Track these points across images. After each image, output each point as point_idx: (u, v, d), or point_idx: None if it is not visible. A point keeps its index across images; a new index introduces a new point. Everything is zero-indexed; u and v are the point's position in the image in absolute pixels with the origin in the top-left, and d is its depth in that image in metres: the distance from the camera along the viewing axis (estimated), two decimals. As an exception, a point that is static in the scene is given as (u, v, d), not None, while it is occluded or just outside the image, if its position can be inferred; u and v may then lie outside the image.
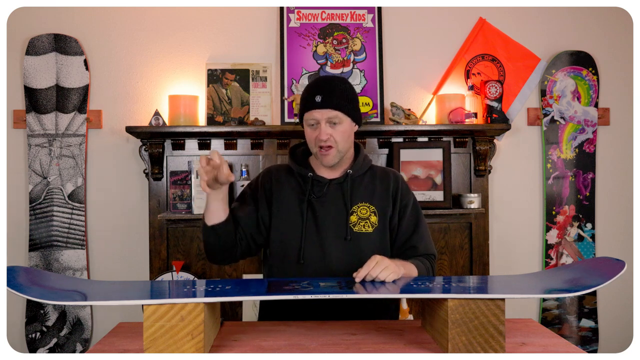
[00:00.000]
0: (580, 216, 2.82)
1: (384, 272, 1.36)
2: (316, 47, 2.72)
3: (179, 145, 2.63)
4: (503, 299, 1.20)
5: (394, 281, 1.37)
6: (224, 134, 2.57)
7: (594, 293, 2.83)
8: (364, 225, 1.61)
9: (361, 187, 1.65)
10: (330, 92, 1.57)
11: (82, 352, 2.65)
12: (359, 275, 1.36)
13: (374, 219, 1.62)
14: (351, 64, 2.72)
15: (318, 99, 1.56)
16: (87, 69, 2.67)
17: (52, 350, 2.63)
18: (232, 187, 2.63)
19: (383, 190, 1.65)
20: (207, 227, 1.55)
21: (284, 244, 1.61)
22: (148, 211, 2.65)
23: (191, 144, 2.66)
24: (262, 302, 1.75)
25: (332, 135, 1.57)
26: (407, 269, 1.49)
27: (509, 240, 2.82)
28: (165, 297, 1.20)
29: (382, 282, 1.36)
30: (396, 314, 1.77)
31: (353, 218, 1.61)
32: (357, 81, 2.71)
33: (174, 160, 2.66)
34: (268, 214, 1.65)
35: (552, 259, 2.81)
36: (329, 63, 2.72)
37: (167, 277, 2.54)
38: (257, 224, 1.64)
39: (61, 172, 2.65)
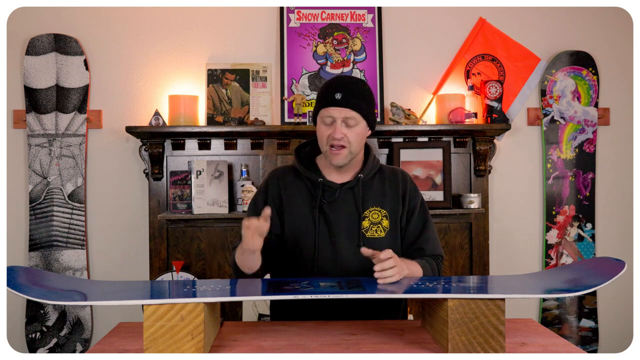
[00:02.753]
0: (580, 216, 2.82)
1: (391, 271, 1.35)
2: (316, 47, 2.72)
3: (179, 145, 2.63)
4: (503, 299, 1.20)
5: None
6: (224, 134, 2.57)
7: (594, 293, 2.83)
8: (376, 230, 1.59)
9: (371, 190, 1.62)
10: (350, 91, 1.53)
11: (82, 352, 2.65)
12: (380, 268, 1.36)
13: (385, 223, 1.60)
14: (351, 64, 2.72)
15: (338, 96, 1.51)
16: (87, 69, 2.67)
17: (52, 350, 2.63)
18: (232, 186, 2.63)
19: (393, 192, 1.63)
20: (242, 272, 1.51)
21: (297, 250, 1.59)
22: (148, 211, 2.65)
23: (191, 144, 2.66)
24: (272, 302, 1.74)
25: (347, 136, 1.52)
26: (412, 270, 1.48)
27: (509, 240, 2.82)
28: (165, 297, 1.20)
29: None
30: (404, 314, 1.75)
31: (365, 223, 1.58)
32: (357, 81, 2.70)
33: (174, 160, 2.66)
34: (279, 223, 1.61)
35: (552, 259, 2.81)
36: (329, 63, 2.72)
37: (167, 277, 2.54)
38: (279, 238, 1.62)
39: (61, 172, 2.65)
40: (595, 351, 2.83)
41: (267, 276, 1.72)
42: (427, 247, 1.62)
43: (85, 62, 2.67)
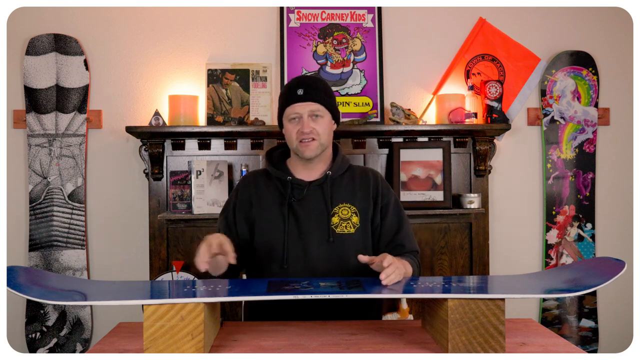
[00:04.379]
0: (580, 216, 2.82)
1: (393, 275, 1.35)
2: (316, 47, 2.72)
3: (179, 145, 2.63)
4: (503, 299, 1.20)
5: None
6: (224, 134, 2.57)
7: (594, 293, 2.83)
8: (345, 226, 1.60)
9: (341, 187, 1.64)
10: (311, 86, 1.58)
11: (82, 352, 2.65)
12: (386, 276, 1.34)
13: (355, 219, 1.61)
14: (351, 64, 2.72)
15: (300, 92, 1.56)
16: (87, 69, 2.67)
17: (52, 350, 2.63)
18: (232, 186, 2.63)
19: (363, 190, 1.65)
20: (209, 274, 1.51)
21: (267, 248, 1.61)
22: (148, 211, 2.65)
23: (191, 144, 2.66)
24: (249, 303, 1.74)
25: (315, 128, 1.57)
26: (407, 270, 1.49)
27: (509, 240, 2.82)
28: (165, 297, 1.20)
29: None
30: (379, 314, 1.76)
31: (334, 219, 1.60)
32: (357, 81, 2.71)
33: (174, 160, 2.66)
34: (247, 228, 1.64)
35: (552, 259, 2.81)
36: (329, 63, 2.72)
37: (167, 277, 2.54)
38: (247, 240, 1.64)
39: (61, 172, 2.65)
40: (595, 351, 2.83)
41: (243, 276, 1.74)
42: (406, 244, 1.64)
43: (85, 62, 2.67)
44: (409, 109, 2.64)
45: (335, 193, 1.63)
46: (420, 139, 2.69)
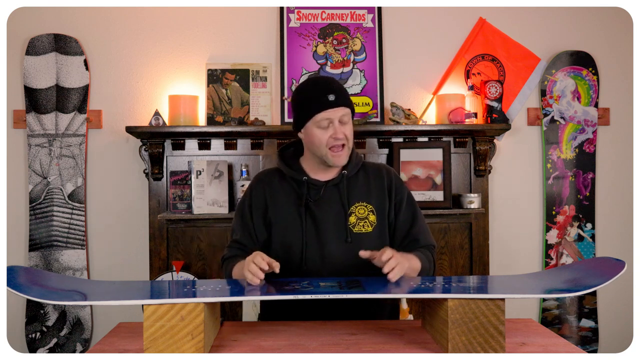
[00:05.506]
0: (580, 216, 2.82)
1: (396, 269, 1.35)
2: (316, 47, 2.72)
3: (179, 145, 2.63)
4: (503, 299, 1.20)
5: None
6: (224, 134, 2.57)
7: (594, 293, 2.83)
8: (363, 225, 1.60)
9: (356, 186, 1.64)
10: (339, 90, 1.57)
11: (82, 352, 2.65)
12: (389, 271, 1.35)
13: (372, 217, 1.61)
14: (351, 64, 2.72)
15: (332, 97, 1.53)
16: (87, 69, 2.67)
17: (52, 350, 2.63)
18: (232, 186, 2.63)
19: (378, 187, 1.65)
20: None
21: (285, 250, 1.60)
22: (148, 211, 2.65)
23: (191, 144, 2.66)
24: (263, 302, 1.75)
25: (345, 134, 1.56)
26: (411, 263, 1.49)
27: (509, 240, 2.82)
28: (165, 297, 1.20)
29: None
30: (395, 313, 1.77)
31: (352, 219, 1.60)
32: (357, 81, 2.71)
33: (174, 160, 2.66)
34: (264, 227, 1.64)
35: (552, 259, 2.81)
36: (329, 63, 2.72)
37: (167, 277, 2.54)
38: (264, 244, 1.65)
39: (61, 172, 2.65)
40: (595, 351, 2.83)
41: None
42: (420, 238, 1.64)
43: (85, 62, 2.67)
44: (409, 109, 2.64)
45: (351, 192, 1.62)
46: (420, 139, 2.69)
